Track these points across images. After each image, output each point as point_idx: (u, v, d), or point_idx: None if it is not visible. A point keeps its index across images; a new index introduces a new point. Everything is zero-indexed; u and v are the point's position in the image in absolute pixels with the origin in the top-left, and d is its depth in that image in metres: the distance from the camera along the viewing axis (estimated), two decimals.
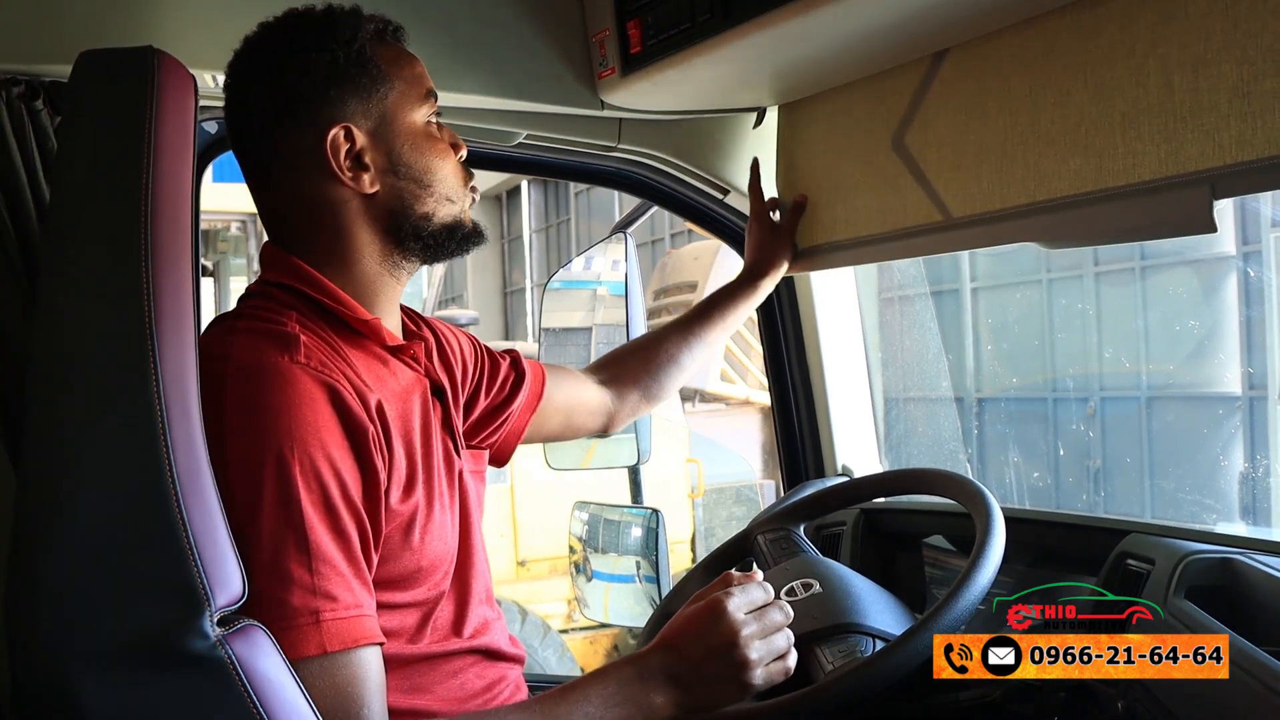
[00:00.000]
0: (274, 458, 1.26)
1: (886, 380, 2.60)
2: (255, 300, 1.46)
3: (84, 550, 1.12)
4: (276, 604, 1.23)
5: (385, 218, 1.48)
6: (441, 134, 1.52)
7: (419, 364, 1.53)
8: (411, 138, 1.48)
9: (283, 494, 1.26)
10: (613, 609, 2.60)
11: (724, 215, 2.30)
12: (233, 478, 1.24)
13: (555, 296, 2.68)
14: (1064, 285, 8.03)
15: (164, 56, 1.29)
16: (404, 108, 1.48)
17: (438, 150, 1.50)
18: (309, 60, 1.44)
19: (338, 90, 1.44)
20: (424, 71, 1.52)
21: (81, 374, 1.16)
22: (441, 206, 1.50)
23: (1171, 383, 7.05)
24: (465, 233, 1.53)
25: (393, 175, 1.47)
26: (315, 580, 1.25)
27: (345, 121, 1.44)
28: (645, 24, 1.87)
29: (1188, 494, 6.23)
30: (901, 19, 1.65)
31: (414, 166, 1.48)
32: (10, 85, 1.57)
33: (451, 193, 1.51)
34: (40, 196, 1.56)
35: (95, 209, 1.21)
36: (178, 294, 1.20)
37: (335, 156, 1.44)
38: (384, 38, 1.50)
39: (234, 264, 12.16)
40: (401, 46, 1.52)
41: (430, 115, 1.51)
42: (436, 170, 1.49)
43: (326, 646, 1.24)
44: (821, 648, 1.45)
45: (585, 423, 1.96)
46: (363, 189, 1.46)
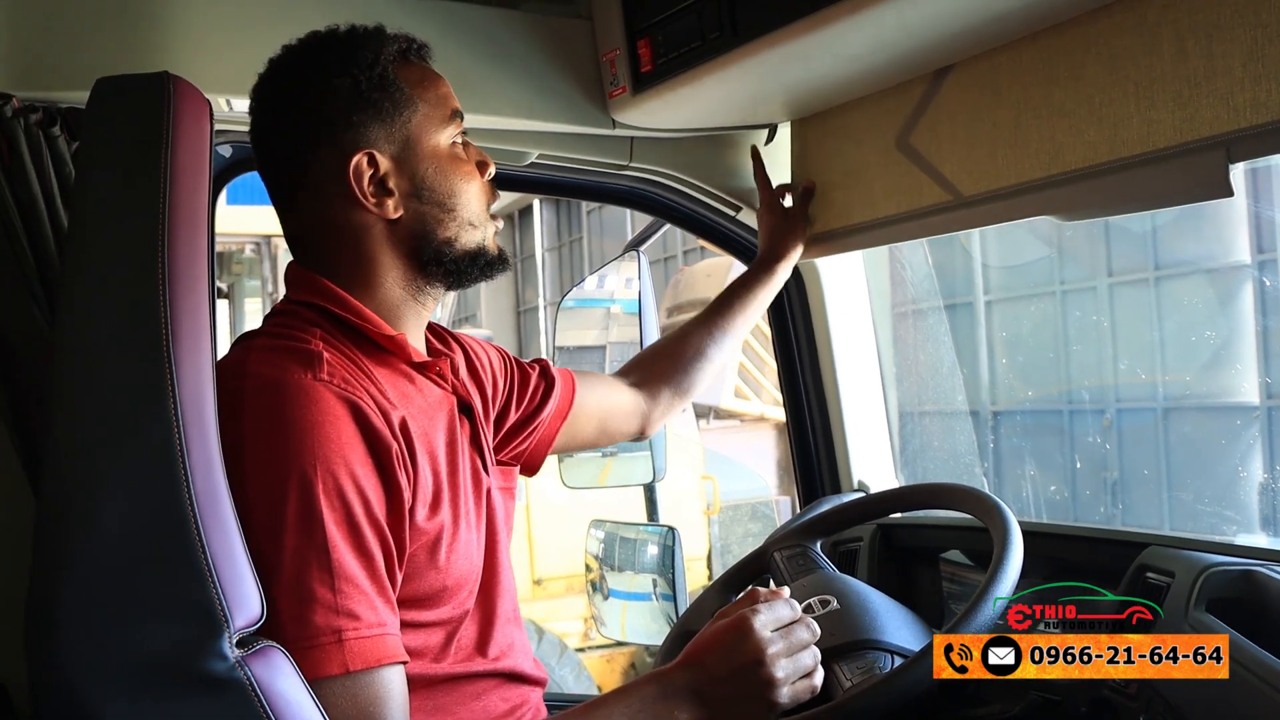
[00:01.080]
0: (297, 476, 1.26)
1: (901, 395, 2.60)
2: (279, 318, 1.46)
3: (104, 571, 1.13)
4: (299, 623, 1.23)
5: (409, 241, 1.47)
6: (468, 153, 1.52)
7: (446, 381, 1.53)
8: (435, 161, 1.47)
9: (305, 512, 1.25)
10: (630, 627, 2.60)
11: (736, 232, 2.30)
12: (252, 495, 1.24)
13: (569, 315, 2.68)
14: (1078, 297, 8.01)
15: (179, 82, 1.30)
16: (428, 130, 1.47)
17: (462, 172, 1.49)
18: (331, 85, 1.44)
19: (360, 115, 1.44)
20: (449, 91, 1.52)
21: (101, 397, 1.17)
22: (464, 232, 1.49)
23: (1188, 393, 7.02)
24: (489, 259, 1.53)
25: (416, 200, 1.47)
26: (338, 599, 1.25)
27: (368, 147, 1.44)
28: (656, 43, 1.88)
29: (1206, 505, 6.20)
30: (910, 34, 1.65)
31: (438, 190, 1.47)
32: (28, 112, 1.58)
33: (475, 217, 1.50)
34: (58, 222, 1.58)
35: (113, 233, 1.22)
36: (195, 317, 1.20)
37: (359, 183, 1.44)
38: (408, 57, 1.50)
39: (249, 286, 12.21)
40: (426, 66, 1.52)
41: (456, 136, 1.50)
42: (460, 194, 1.49)
43: (349, 666, 1.24)
44: (840, 664, 1.45)
45: (620, 426, 1.96)
46: (386, 214, 1.46)
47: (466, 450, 1.51)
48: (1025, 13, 1.59)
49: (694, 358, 2.03)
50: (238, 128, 1.83)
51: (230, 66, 1.67)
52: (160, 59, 1.64)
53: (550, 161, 2.12)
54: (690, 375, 2.03)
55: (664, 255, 14.21)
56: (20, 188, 1.57)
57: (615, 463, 2.43)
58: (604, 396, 1.91)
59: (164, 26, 1.67)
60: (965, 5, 1.56)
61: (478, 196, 1.51)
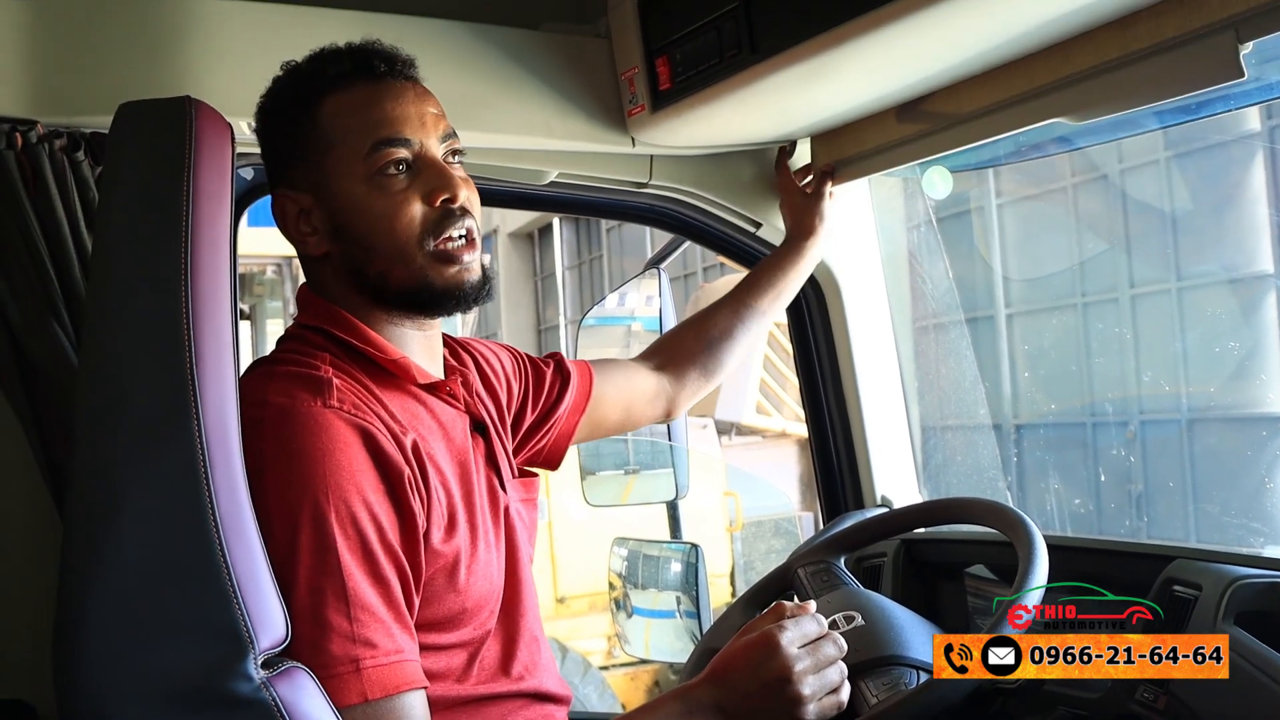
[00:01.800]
0: (310, 505, 1.26)
1: (923, 409, 2.59)
2: (290, 343, 1.46)
3: (129, 592, 1.14)
4: (317, 651, 1.23)
5: (349, 277, 1.46)
6: (409, 184, 1.43)
7: (458, 400, 1.52)
8: (349, 197, 1.42)
9: (319, 542, 1.26)
10: (653, 645, 2.60)
11: (757, 249, 2.30)
12: (273, 522, 1.25)
13: (590, 333, 2.68)
14: (1100, 308, 7.98)
15: (201, 105, 1.31)
16: (341, 166, 1.42)
17: (381, 208, 1.42)
18: (266, 123, 1.48)
19: (286, 154, 1.46)
20: (382, 116, 1.43)
21: (126, 419, 1.18)
22: (394, 267, 1.43)
23: (1213, 404, 6.98)
24: (429, 297, 1.45)
25: (336, 238, 1.44)
26: (354, 628, 1.25)
27: (288, 186, 1.45)
28: (674, 61, 1.88)
29: (1233, 517, 6.15)
30: (928, 50, 1.65)
31: (353, 228, 1.43)
32: (52, 138, 1.60)
33: (401, 252, 1.42)
34: (82, 246, 1.59)
35: (137, 256, 1.23)
36: (218, 338, 1.21)
37: (283, 221, 1.46)
38: (353, 80, 1.44)
39: (270, 307, 12.24)
40: (375, 86, 1.45)
41: (384, 168, 1.42)
42: (378, 230, 1.42)
43: (368, 694, 1.24)
44: (865, 681, 1.44)
45: (645, 411, 1.94)
46: (311, 251, 1.46)
47: (482, 469, 1.51)
48: (1047, 29, 1.59)
49: (720, 337, 2.01)
50: (258, 150, 1.85)
51: (251, 90, 1.68)
52: (182, 83, 1.65)
53: (570, 180, 2.12)
54: (717, 356, 2.00)
55: (684, 272, 14.20)
56: (45, 212, 1.58)
57: (638, 480, 2.43)
58: (626, 384, 1.89)
59: (185, 51, 1.68)
60: (983, 22, 1.56)
61: (406, 231, 1.42)
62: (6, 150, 1.57)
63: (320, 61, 1.46)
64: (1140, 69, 1.54)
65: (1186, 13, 1.45)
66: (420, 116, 1.45)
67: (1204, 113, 1.75)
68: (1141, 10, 1.51)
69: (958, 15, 1.49)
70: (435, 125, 1.46)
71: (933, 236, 2.99)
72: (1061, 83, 1.65)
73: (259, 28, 1.73)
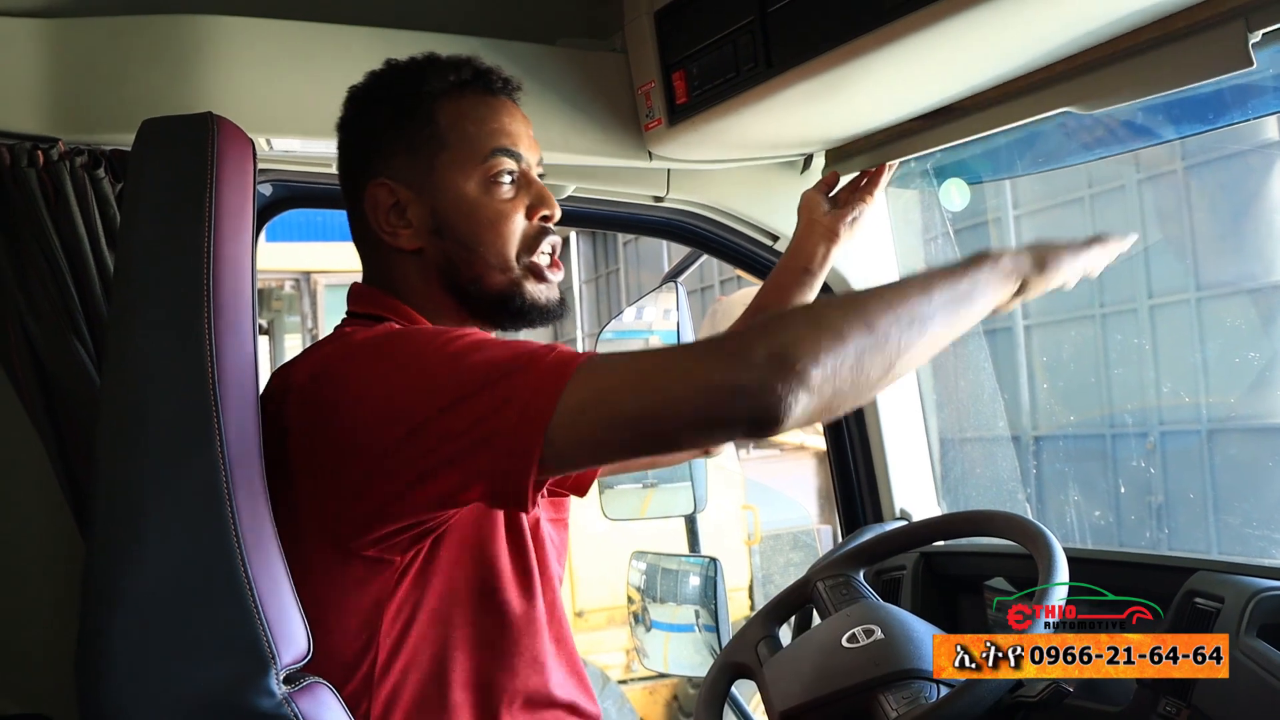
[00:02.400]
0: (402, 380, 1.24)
1: (942, 421, 2.58)
2: (346, 325, 1.47)
3: (152, 610, 1.14)
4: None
5: (439, 277, 1.47)
6: (515, 195, 1.48)
7: None
8: (458, 199, 1.45)
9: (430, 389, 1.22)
10: (672, 659, 2.59)
11: (774, 262, 2.29)
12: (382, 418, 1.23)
13: (608, 347, 2.69)
14: (1118, 319, 7.95)
15: (222, 122, 1.32)
16: (454, 167, 1.45)
17: (490, 214, 1.46)
18: (370, 111, 1.48)
19: (390, 144, 1.46)
20: (501, 127, 1.48)
21: (147, 436, 1.18)
22: (490, 274, 1.46)
23: (1233, 415, 6.94)
24: (520, 305, 1.48)
25: (437, 236, 1.46)
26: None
27: (389, 176, 1.46)
28: (690, 75, 1.89)
29: (1255, 529, 6.12)
30: (944, 63, 1.65)
31: (458, 229, 1.45)
32: (74, 155, 1.61)
33: (500, 261, 1.46)
34: (104, 264, 1.60)
35: (159, 273, 1.24)
36: (240, 354, 1.22)
37: (374, 211, 1.46)
38: (463, 90, 1.48)
39: (288, 322, 12.28)
40: (487, 99, 1.49)
41: (497, 175, 1.46)
42: (483, 236, 1.45)
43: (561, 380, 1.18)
44: (885, 695, 1.44)
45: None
46: (401, 245, 1.46)
47: None
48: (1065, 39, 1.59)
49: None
50: (279, 166, 1.86)
51: (271, 106, 1.69)
52: (203, 99, 1.67)
53: (587, 194, 2.13)
54: None
55: (701, 285, 14.20)
56: (66, 230, 1.59)
57: (656, 494, 2.43)
58: None
59: (206, 68, 1.70)
60: (1001, 35, 1.56)
61: (510, 239, 1.46)
62: (28, 168, 1.58)
63: (439, 65, 1.49)
64: (1149, 58, 1.54)
65: (1196, 1, 1.45)
66: (528, 136, 1.51)
67: (1221, 122, 1.74)
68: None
69: (972, 28, 1.49)
70: (534, 148, 1.52)
71: (950, 248, 2.99)
72: (1071, 72, 1.65)
73: (279, 44, 1.74)
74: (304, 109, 1.71)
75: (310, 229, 11.01)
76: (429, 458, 1.20)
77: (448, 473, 1.20)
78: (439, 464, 1.20)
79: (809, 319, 1.19)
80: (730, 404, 1.13)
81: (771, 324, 1.17)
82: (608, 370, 1.19)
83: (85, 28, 1.65)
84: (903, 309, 1.22)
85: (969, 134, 1.86)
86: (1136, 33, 1.54)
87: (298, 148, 1.79)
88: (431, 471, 1.20)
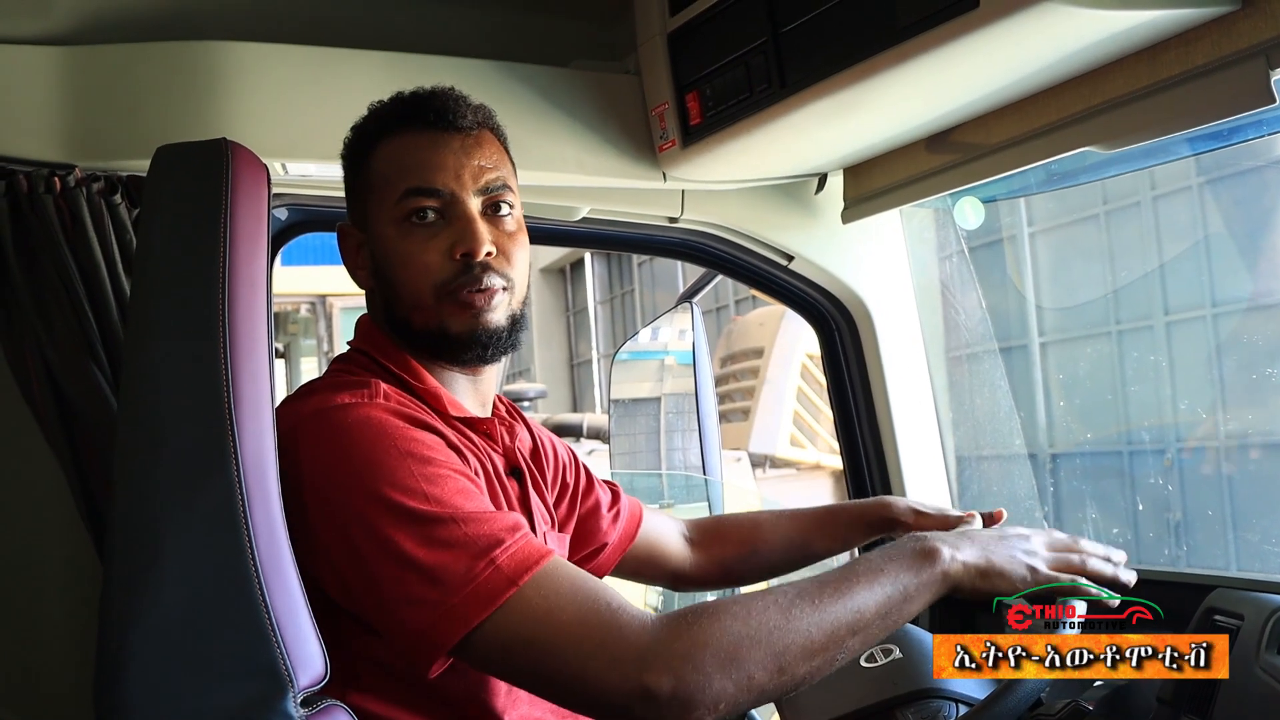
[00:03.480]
0: (361, 492, 1.25)
1: (958, 439, 2.58)
2: (339, 363, 1.49)
3: (170, 632, 1.14)
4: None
5: (385, 314, 1.50)
6: (435, 233, 1.44)
7: (497, 442, 1.52)
8: (382, 242, 1.46)
9: (381, 508, 1.23)
10: None
11: (789, 281, 2.30)
12: (323, 523, 1.25)
13: (623, 368, 2.69)
14: (1134, 336, 7.93)
15: (237, 148, 1.32)
16: (378, 208, 1.46)
17: (401, 256, 1.44)
18: (344, 160, 1.53)
19: (349, 190, 1.53)
20: (415, 165, 1.45)
21: (165, 461, 1.19)
22: (414, 314, 1.45)
23: (1251, 431, 6.91)
24: (441, 342, 1.46)
25: (376, 276, 1.49)
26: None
27: (350, 220, 1.53)
28: (704, 96, 1.89)
29: (1274, 545, 6.08)
30: (957, 83, 1.66)
31: (384, 270, 1.47)
32: (90, 181, 1.62)
33: (418, 299, 1.44)
34: (120, 289, 1.60)
35: (175, 298, 1.24)
36: (256, 379, 1.22)
37: (344, 253, 1.52)
38: (407, 127, 1.47)
39: (304, 346, 12.33)
40: (419, 135, 1.47)
41: (409, 215, 1.44)
42: (399, 277, 1.45)
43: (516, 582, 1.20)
44: (904, 713, 1.44)
45: (657, 573, 1.88)
46: (361, 284, 1.52)
47: (515, 508, 1.49)
48: (1076, 59, 1.59)
49: (764, 565, 1.88)
50: (294, 190, 1.87)
51: (285, 131, 1.70)
52: (218, 125, 1.68)
53: (602, 216, 2.14)
54: (746, 571, 1.89)
55: (716, 305, 14.22)
56: (83, 255, 1.60)
57: (674, 514, 2.43)
58: (656, 538, 1.84)
59: (221, 94, 1.71)
60: (1012, 54, 1.56)
61: (423, 278, 1.43)
62: (45, 194, 1.59)
63: (382, 108, 1.50)
64: (1171, 96, 1.55)
65: (1216, 39, 1.45)
66: (458, 167, 1.45)
67: (1236, 139, 1.74)
68: (1171, 38, 1.51)
69: (985, 47, 1.49)
70: (476, 177, 1.46)
71: (965, 266, 2.99)
72: (1091, 111, 1.65)
73: (293, 70, 1.75)
74: (318, 134, 1.71)
75: (326, 253, 11.05)
76: (365, 574, 1.24)
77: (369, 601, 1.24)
78: (368, 586, 1.24)
79: (723, 659, 1.17)
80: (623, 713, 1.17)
81: (692, 653, 1.17)
82: (530, 620, 1.19)
83: (100, 55, 1.66)
84: (822, 651, 1.21)
85: (990, 174, 1.88)
86: (1156, 70, 1.54)
87: (313, 172, 1.80)
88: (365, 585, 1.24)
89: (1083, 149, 1.70)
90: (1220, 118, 1.55)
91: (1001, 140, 1.81)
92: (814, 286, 2.31)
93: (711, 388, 2.48)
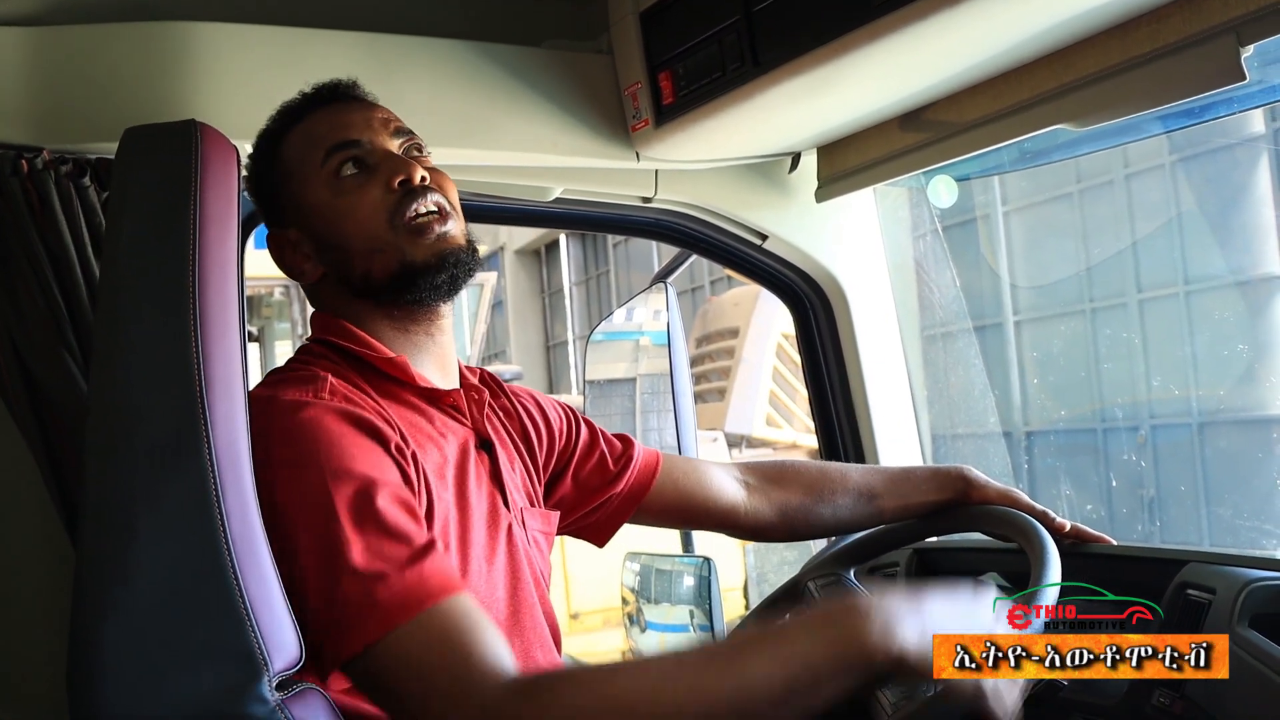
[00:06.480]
0: (314, 494, 1.25)
1: (933, 418, 2.59)
2: (294, 358, 1.49)
3: (143, 618, 1.14)
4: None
5: (346, 288, 1.49)
6: (367, 179, 1.46)
7: (462, 413, 1.52)
8: (316, 213, 1.47)
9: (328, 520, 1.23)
10: None
11: (763, 261, 2.30)
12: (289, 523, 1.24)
13: (598, 348, 2.68)
14: (1108, 314, 7.97)
15: (206, 129, 1.32)
16: (304, 187, 1.48)
17: (342, 209, 1.45)
18: (250, 180, 1.56)
19: (267, 197, 1.53)
20: (329, 129, 1.48)
21: (136, 444, 1.18)
22: (373, 260, 1.45)
23: (1223, 407, 6.96)
24: (415, 270, 1.45)
25: (322, 255, 1.49)
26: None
27: (275, 226, 1.52)
28: (677, 75, 1.89)
29: (1246, 520, 6.13)
30: (930, 59, 1.66)
31: (329, 238, 1.47)
32: (58, 164, 1.60)
33: (373, 241, 1.44)
34: (90, 272, 1.59)
35: (145, 282, 1.23)
36: (227, 363, 1.21)
37: (281, 261, 1.51)
38: (302, 116, 1.51)
39: (278, 329, 12.27)
40: (321, 111, 1.51)
41: (338, 170, 1.46)
42: (346, 231, 1.45)
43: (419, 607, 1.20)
44: (882, 690, 1.44)
45: (712, 521, 1.81)
46: (310, 279, 1.51)
47: (485, 484, 1.49)
48: (1048, 36, 1.59)
49: (828, 516, 1.83)
50: None
51: (256, 112, 1.68)
52: (187, 107, 1.66)
53: (575, 196, 2.13)
54: (809, 522, 1.83)
55: (691, 285, 14.22)
56: (52, 239, 1.58)
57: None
58: (694, 486, 1.78)
59: (190, 75, 1.69)
60: (984, 30, 1.56)
61: (372, 218, 1.44)
62: (12, 177, 1.57)
63: (281, 110, 1.54)
64: (1142, 74, 1.55)
65: (1187, 16, 1.46)
66: (367, 121, 1.50)
67: (1208, 116, 1.75)
68: (1142, 15, 1.51)
69: (959, 24, 1.49)
70: (385, 126, 1.51)
71: (939, 245, 3.00)
72: (1063, 89, 1.66)
73: (263, 50, 1.74)
74: None
75: None
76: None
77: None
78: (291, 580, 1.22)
79: None
80: None
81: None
82: (413, 652, 1.18)
83: (68, 35, 1.64)
84: None
85: (963, 152, 1.88)
86: (1127, 47, 1.55)
87: None
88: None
89: (1055, 126, 1.71)
90: (1191, 95, 1.55)
91: (974, 118, 1.81)
92: (788, 266, 2.31)
93: (687, 368, 2.48)
